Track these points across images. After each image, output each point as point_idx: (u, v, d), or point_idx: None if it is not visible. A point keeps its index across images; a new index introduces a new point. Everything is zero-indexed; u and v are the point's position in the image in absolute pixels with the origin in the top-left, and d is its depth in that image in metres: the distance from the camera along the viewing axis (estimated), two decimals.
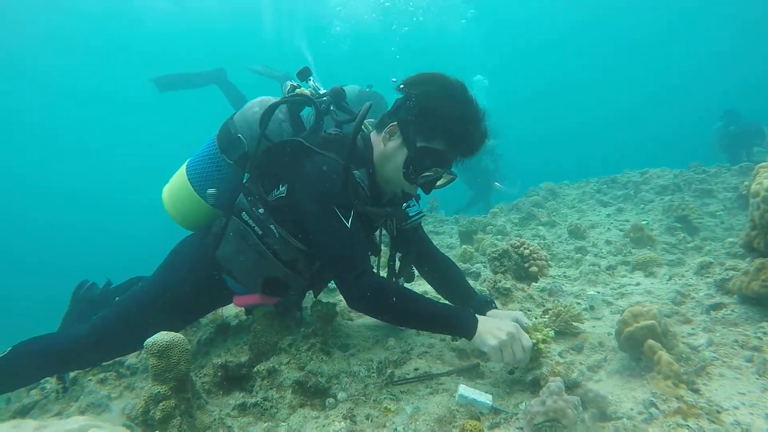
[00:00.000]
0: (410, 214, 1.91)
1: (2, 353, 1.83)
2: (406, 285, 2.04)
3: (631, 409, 1.33)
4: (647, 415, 1.28)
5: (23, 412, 1.95)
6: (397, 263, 2.02)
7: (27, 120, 29.27)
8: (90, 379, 1.92)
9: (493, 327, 1.49)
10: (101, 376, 1.94)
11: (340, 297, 2.68)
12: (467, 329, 1.51)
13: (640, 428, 1.23)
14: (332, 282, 2.68)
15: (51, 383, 2.07)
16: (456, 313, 1.56)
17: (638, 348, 1.52)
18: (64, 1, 17.81)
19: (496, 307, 1.91)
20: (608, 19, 27.52)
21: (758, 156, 6.97)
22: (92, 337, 1.84)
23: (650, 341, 1.48)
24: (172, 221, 2.04)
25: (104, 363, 2.03)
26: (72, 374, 2.05)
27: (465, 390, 1.45)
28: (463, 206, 8.70)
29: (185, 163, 1.98)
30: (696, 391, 1.36)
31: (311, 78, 1.99)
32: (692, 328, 1.80)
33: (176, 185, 1.96)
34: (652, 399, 1.33)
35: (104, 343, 1.84)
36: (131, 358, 2.12)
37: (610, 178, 6.22)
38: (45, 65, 23.15)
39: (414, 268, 2.07)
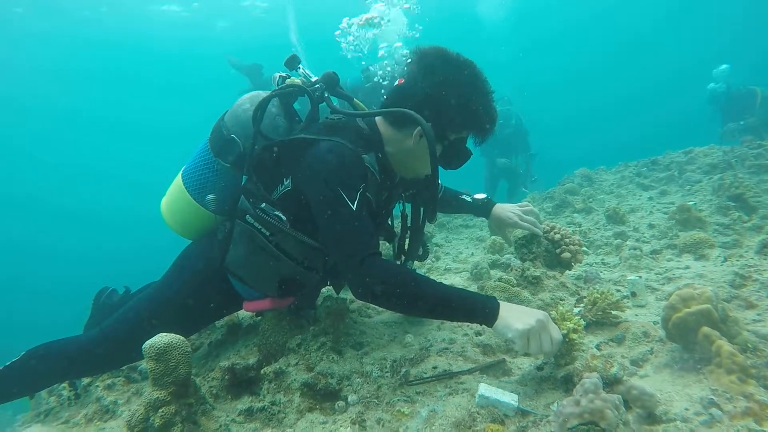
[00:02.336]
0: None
1: (17, 357, 1.82)
2: (419, 263, 1.94)
3: (686, 410, 1.11)
4: (707, 417, 1.07)
5: (37, 419, 1.92)
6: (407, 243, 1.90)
7: (46, 149, 30.89)
8: (98, 386, 1.87)
9: (521, 312, 1.33)
10: (109, 381, 1.89)
11: None
12: (488, 314, 1.33)
13: None
14: None
15: (67, 390, 2.04)
16: (475, 297, 1.38)
17: (691, 337, 1.30)
18: (70, 34, 18.59)
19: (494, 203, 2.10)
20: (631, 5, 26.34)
21: None
22: (101, 343, 1.81)
23: (706, 329, 1.26)
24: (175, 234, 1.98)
25: (115, 370, 1.98)
26: (85, 381, 2.00)
27: (486, 390, 1.27)
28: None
29: (180, 172, 1.91)
30: None
31: (300, 66, 1.88)
32: (758, 314, 1.54)
33: (174, 196, 1.90)
34: (713, 397, 1.11)
35: (112, 349, 1.80)
36: (144, 363, 2.05)
37: (651, 160, 5.80)
38: (56, 98, 24.33)
39: (427, 245, 2.01)
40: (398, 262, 1.92)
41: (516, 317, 1.30)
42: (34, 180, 32.43)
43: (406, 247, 1.89)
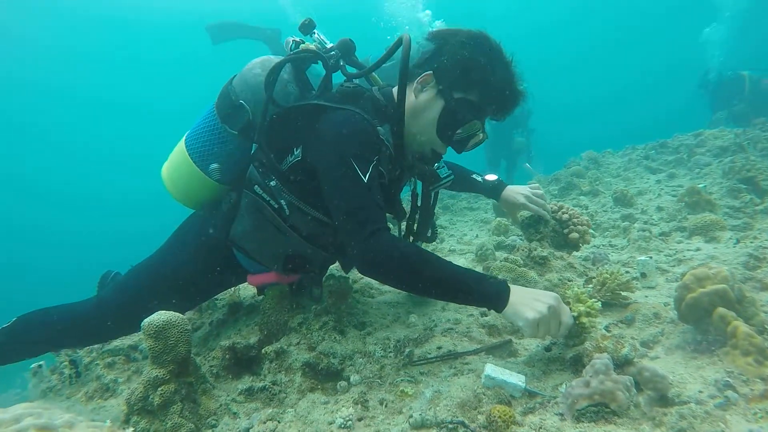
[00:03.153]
0: (442, 176, 1.73)
1: (8, 323, 1.79)
2: (428, 244, 1.96)
3: (700, 392, 1.08)
4: (722, 400, 1.03)
5: (40, 397, 1.91)
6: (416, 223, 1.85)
7: (44, 130, 30.61)
8: (98, 364, 1.85)
9: (531, 298, 1.25)
10: (109, 360, 1.87)
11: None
12: (498, 299, 1.26)
13: (715, 416, 0.98)
14: None
15: (68, 368, 2.03)
16: (484, 280, 1.31)
17: (705, 318, 1.26)
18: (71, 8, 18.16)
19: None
20: None
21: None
22: (97, 312, 1.78)
23: (721, 309, 1.21)
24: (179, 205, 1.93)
25: (112, 341, 1.97)
26: (86, 359, 1.99)
27: (493, 370, 1.24)
28: None
29: (184, 137, 1.84)
30: None
31: (315, 31, 1.79)
32: None
33: (176, 162, 1.82)
34: (728, 380, 1.07)
35: (109, 319, 1.75)
36: (144, 342, 2.04)
37: (659, 143, 5.68)
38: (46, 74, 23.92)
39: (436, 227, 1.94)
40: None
41: (527, 305, 1.23)
42: (29, 161, 32.17)
43: (415, 227, 1.84)
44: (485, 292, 1.28)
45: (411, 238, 1.85)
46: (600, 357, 1.11)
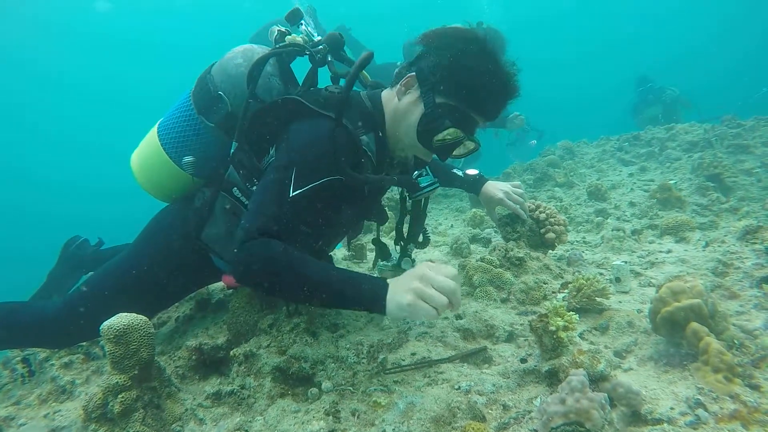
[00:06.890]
0: (422, 185, 1.65)
1: None
2: (418, 250, 1.95)
3: (672, 409, 1.08)
4: (693, 418, 1.04)
5: None
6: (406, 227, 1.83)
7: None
8: (53, 363, 1.75)
9: (400, 283, 1.10)
10: (66, 359, 1.76)
11: None
12: (375, 301, 1.11)
13: None
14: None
15: (20, 366, 1.91)
16: (363, 283, 1.15)
17: (678, 332, 1.26)
18: None
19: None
20: None
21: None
22: (64, 314, 1.67)
23: (695, 325, 1.22)
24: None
25: (78, 344, 1.86)
26: (41, 356, 1.88)
27: None
28: None
29: (156, 125, 1.72)
30: (755, 387, 1.10)
31: (303, 21, 1.70)
32: (740, 305, 1.52)
33: (148, 152, 1.70)
34: (699, 397, 1.08)
35: (76, 323, 1.65)
36: None
37: (632, 135, 5.78)
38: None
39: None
40: (397, 247, 1.85)
41: (399, 291, 1.09)
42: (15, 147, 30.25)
43: (405, 232, 1.81)
44: (363, 296, 1.14)
45: (401, 243, 1.82)
46: (576, 373, 1.10)
